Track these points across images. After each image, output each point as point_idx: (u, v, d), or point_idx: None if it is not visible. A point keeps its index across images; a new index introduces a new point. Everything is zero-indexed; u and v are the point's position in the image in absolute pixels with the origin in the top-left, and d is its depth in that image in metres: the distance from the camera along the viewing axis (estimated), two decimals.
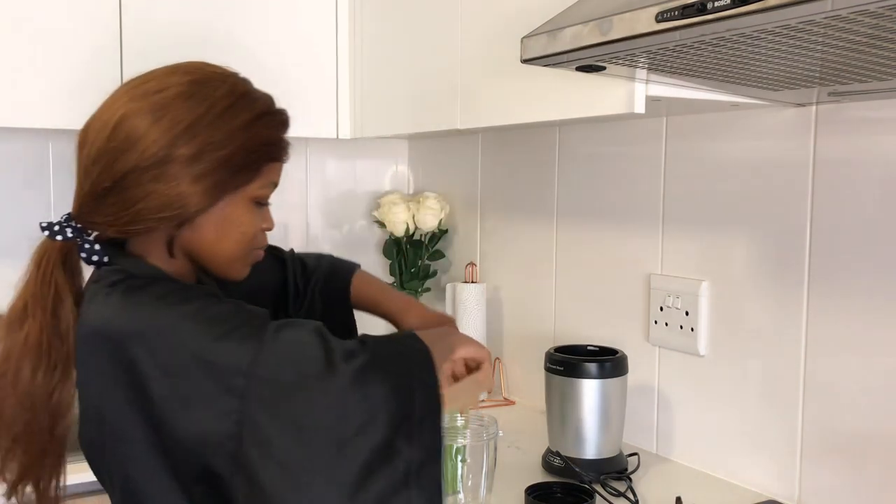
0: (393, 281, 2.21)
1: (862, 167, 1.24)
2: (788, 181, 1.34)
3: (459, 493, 1.30)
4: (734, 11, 0.77)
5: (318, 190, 2.28)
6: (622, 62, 1.02)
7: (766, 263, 1.39)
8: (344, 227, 2.31)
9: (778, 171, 1.36)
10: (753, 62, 0.97)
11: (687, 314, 1.51)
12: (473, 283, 1.97)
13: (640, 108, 1.19)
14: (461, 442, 1.29)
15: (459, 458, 1.29)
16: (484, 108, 1.53)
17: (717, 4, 0.78)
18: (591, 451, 1.46)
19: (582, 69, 1.08)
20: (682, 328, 1.52)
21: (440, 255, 2.17)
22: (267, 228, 1.06)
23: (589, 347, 1.56)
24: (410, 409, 0.90)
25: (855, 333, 1.26)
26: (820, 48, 0.88)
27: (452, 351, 1.07)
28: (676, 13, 0.82)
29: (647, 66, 1.05)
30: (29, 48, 1.60)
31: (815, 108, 1.30)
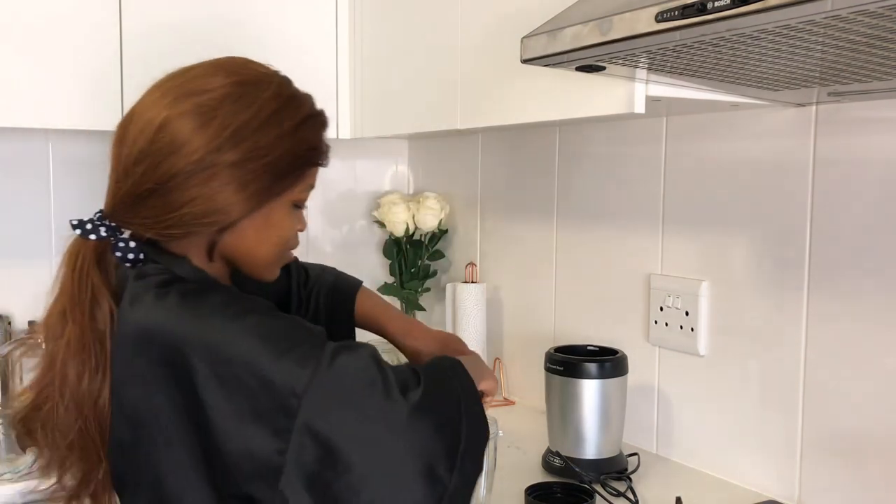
0: (393, 281, 2.21)
1: (862, 167, 1.24)
2: (788, 181, 1.34)
3: None
4: (734, 11, 0.77)
5: (317, 190, 2.20)
6: (622, 62, 1.02)
7: (766, 263, 1.39)
8: (344, 227, 2.31)
9: (778, 171, 1.36)
10: (753, 62, 0.97)
11: (687, 314, 1.51)
12: (473, 283, 1.97)
13: (640, 108, 1.18)
14: None
15: None
16: (484, 108, 1.53)
17: (717, 4, 0.78)
18: (591, 451, 1.46)
19: (582, 69, 1.08)
20: (682, 328, 1.52)
21: (440, 255, 2.17)
22: (301, 230, 1.05)
23: (589, 347, 1.56)
24: (457, 441, 0.92)
25: (855, 333, 1.26)
26: (820, 48, 0.88)
27: (479, 382, 1.09)
28: (676, 13, 0.82)
29: (647, 66, 1.05)
30: (29, 48, 1.60)
31: (815, 108, 1.30)
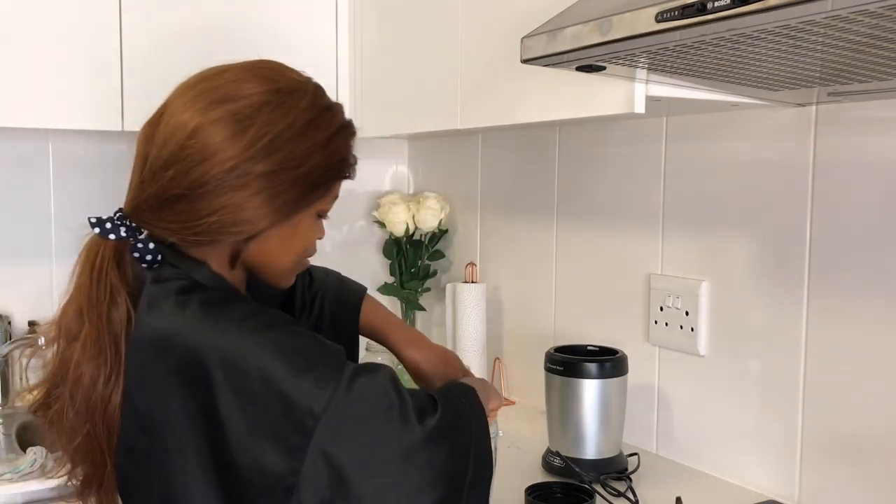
0: (393, 281, 2.21)
1: (862, 167, 1.24)
2: (788, 181, 1.34)
3: None
4: (734, 11, 0.77)
5: None
6: (622, 62, 1.02)
7: (766, 263, 1.39)
8: (344, 227, 2.31)
9: (778, 171, 1.36)
10: (753, 62, 0.97)
11: (687, 314, 1.51)
12: (473, 283, 1.97)
13: (640, 108, 1.18)
14: None
15: None
16: (484, 108, 1.53)
17: (717, 4, 0.78)
18: (591, 451, 1.46)
19: (582, 69, 1.08)
20: (682, 328, 1.52)
21: (440, 255, 2.17)
22: (320, 238, 1.05)
23: (589, 347, 1.56)
24: (465, 472, 0.94)
25: (855, 333, 1.26)
26: (820, 48, 0.88)
27: (487, 404, 1.10)
28: (676, 13, 0.82)
29: (647, 66, 1.05)
30: (29, 48, 1.60)
31: (815, 108, 1.30)
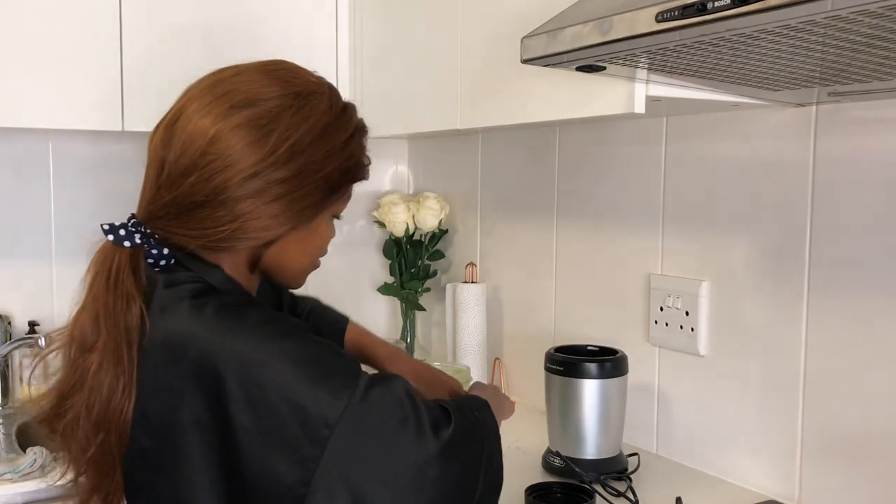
0: (393, 281, 2.21)
1: (862, 167, 1.24)
2: (788, 181, 1.34)
3: None
4: (734, 11, 0.77)
5: None
6: (622, 62, 1.02)
7: (766, 263, 1.39)
8: (344, 227, 2.30)
9: (778, 171, 1.36)
10: (753, 62, 0.97)
11: (687, 314, 1.51)
12: (473, 283, 1.97)
13: (640, 108, 1.18)
14: None
15: None
16: (484, 108, 1.53)
17: (717, 4, 0.78)
18: (591, 451, 1.46)
19: (582, 69, 1.08)
20: (682, 328, 1.52)
21: (440, 255, 2.17)
22: (332, 238, 1.06)
23: (589, 347, 1.56)
24: (475, 486, 0.94)
25: (855, 333, 1.26)
26: (820, 48, 0.88)
27: (499, 415, 1.10)
28: (676, 13, 0.82)
29: (647, 66, 1.05)
30: (30, 48, 1.60)
31: (815, 108, 1.30)
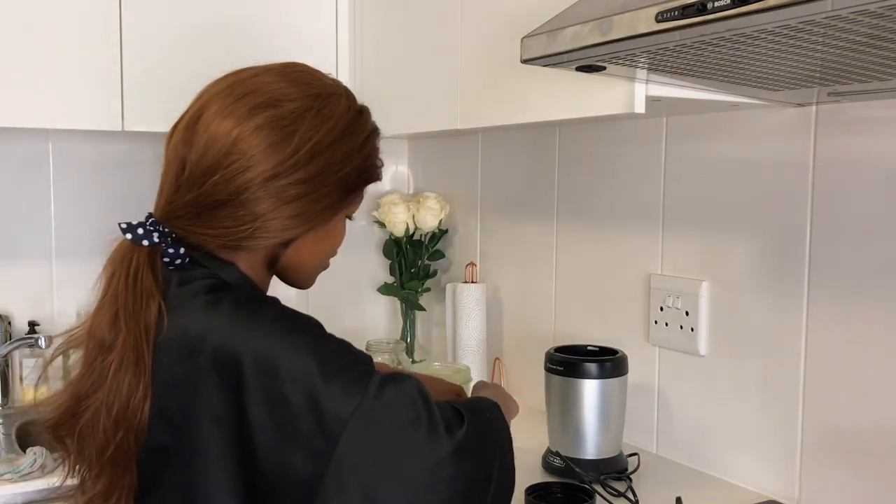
0: (393, 281, 2.21)
1: (862, 167, 1.24)
2: (788, 181, 1.34)
3: None
4: (734, 11, 0.77)
5: None
6: (622, 62, 1.02)
7: (766, 263, 1.39)
8: None
9: (778, 171, 1.36)
10: (753, 62, 0.97)
11: (687, 314, 1.51)
12: (473, 283, 1.97)
13: (640, 108, 1.19)
14: None
15: None
16: (484, 108, 1.53)
17: (717, 4, 0.78)
18: (591, 451, 1.46)
19: (582, 69, 1.08)
20: (682, 328, 1.52)
21: (440, 255, 2.17)
22: (343, 239, 1.06)
23: (589, 347, 1.56)
24: (488, 486, 0.95)
25: (855, 333, 1.26)
26: (820, 48, 0.88)
27: (507, 415, 1.11)
28: (676, 13, 0.82)
29: (647, 66, 1.05)
30: (29, 48, 1.60)
31: (815, 108, 1.30)
